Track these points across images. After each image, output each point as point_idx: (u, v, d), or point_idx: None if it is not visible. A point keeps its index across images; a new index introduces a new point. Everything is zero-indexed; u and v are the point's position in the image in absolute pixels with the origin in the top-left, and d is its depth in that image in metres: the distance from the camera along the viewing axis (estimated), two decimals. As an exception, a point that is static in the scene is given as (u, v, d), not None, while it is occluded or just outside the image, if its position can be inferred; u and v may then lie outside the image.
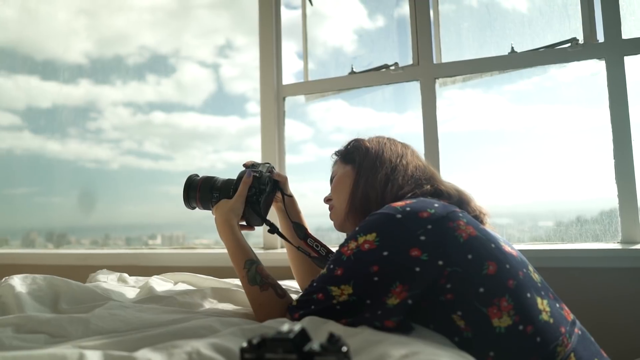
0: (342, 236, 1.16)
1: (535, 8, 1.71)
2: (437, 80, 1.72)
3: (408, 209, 0.83)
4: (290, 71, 2.01)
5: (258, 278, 0.95)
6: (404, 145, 1.06)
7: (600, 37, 1.53)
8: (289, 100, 1.98)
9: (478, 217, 0.93)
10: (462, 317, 0.78)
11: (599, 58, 1.53)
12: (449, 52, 1.79)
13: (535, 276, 0.87)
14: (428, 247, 0.79)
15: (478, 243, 0.81)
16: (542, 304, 0.81)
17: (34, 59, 2.56)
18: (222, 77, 2.37)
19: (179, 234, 2.32)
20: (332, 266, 0.85)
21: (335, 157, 1.14)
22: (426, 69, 1.72)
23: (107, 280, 1.29)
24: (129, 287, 1.22)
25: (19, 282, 1.02)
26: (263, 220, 1.05)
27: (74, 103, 2.49)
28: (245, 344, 0.61)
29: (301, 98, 1.98)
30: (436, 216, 0.82)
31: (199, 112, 2.35)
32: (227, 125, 2.33)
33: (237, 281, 1.35)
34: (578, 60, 1.55)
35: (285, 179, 1.16)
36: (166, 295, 1.06)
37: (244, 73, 2.36)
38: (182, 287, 1.23)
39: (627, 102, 1.47)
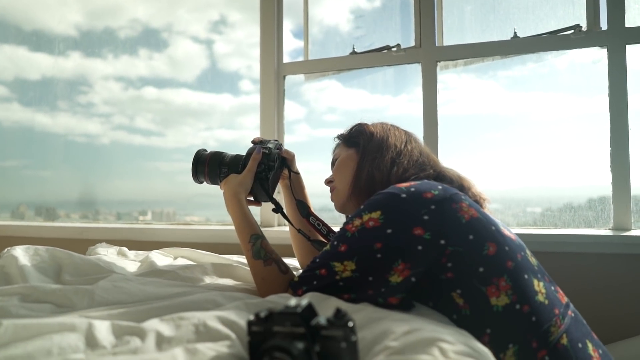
0: (339, 216, 1.18)
1: (539, -7, 1.70)
2: (438, 63, 1.72)
3: (413, 189, 0.85)
4: (285, 49, 1.99)
5: (262, 253, 0.96)
6: (407, 132, 1.08)
7: (604, 25, 1.53)
8: (289, 79, 1.97)
9: (478, 202, 0.95)
10: (461, 295, 0.80)
11: (601, 46, 1.53)
12: (450, 35, 1.78)
13: (532, 259, 0.90)
14: (431, 226, 0.81)
15: (479, 224, 0.83)
16: (539, 285, 0.84)
17: (22, 29, 2.51)
18: (215, 53, 2.34)
19: (169, 211, 2.32)
20: (335, 243, 0.87)
21: (337, 141, 1.16)
22: (428, 52, 1.71)
23: (107, 254, 1.30)
24: (130, 261, 1.23)
25: (21, 253, 1.03)
26: (270, 197, 1.06)
27: (64, 76, 2.45)
28: (252, 317, 0.63)
29: (295, 77, 1.96)
30: (440, 197, 0.84)
31: (191, 89, 2.33)
32: (220, 102, 2.32)
33: (237, 257, 1.37)
34: (580, 47, 1.55)
35: (293, 156, 1.17)
36: (168, 269, 1.07)
37: (238, 50, 2.33)
38: (182, 262, 1.24)
39: (626, 90, 1.49)
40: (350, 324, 0.58)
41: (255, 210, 1.88)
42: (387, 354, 0.60)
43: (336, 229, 1.08)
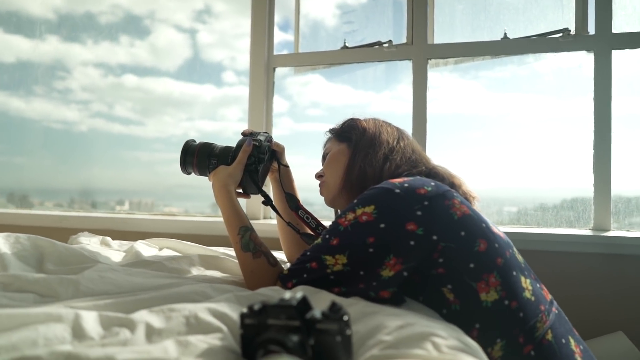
0: (324, 208, 1.18)
1: (530, -5, 1.72)
2: (429, 61, 1.73)
3: (406, 185, 0.86)
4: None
5: (251, 245, 0.96)
6: (399, 129, 1.08)
7: (591, 30, 1.56)
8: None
9: (468, 200, 0.96)
10: (451, 290, 0.81)
11: (589, 50, 1.56)
12: (441, 33, 1.79)
13: (519, 257, 0.91)
14: (424, 222, 0.81)
15: (471, 221, 0.85)
16: (526, 282, 0.85)
17: (-1, 9, 2.42)
18: (198, 43, 2.30)
19: (147, 201, 2.29)
20: (327, 236, 0.87)
21: (329, 135, 1.15)
22: (419, 49, 1.72)
23: (90, 243, 1.27)
24: (114, 251, 1.21)
25: (1, 241, 1.00)
26: (259, 190, 1.05)
27: (41, 60, 2.36)
28: (245, 310, 0.62)
29: (279, 71, 1.94)
30: (433, 193, 0.85)
31: (173, 78, 2.29)
32: (202, 93, 2.28)
33: (223, 249, 1.35)
34: (568, 50, 1.58)
35: (283, 148, 1.16)
36: (154, 260, 1.05)
37: (222, 41, 2.30)
38: (167, 253, 1.23)
39: (610, 95, 1.52)
40: (346, 317, 0.58)
41: (241, 203, 1.87)
42: (380, 348, 0.60)
43: (326, 223, 1.08)
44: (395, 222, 0.82)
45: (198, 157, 1.06)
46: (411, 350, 0.58)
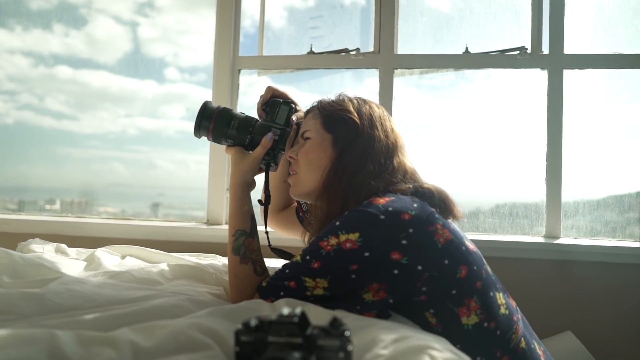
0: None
1: (490, 12, 1.81)
2: (395, 70, 1.76)
3: (390, 209, 0.83)
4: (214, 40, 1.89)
5: (242, 250, 0.94)
6: (396, 135, 0.99)
7: (546, 49, 1.66)
8: (209, 69, 1.86)
9: (456, 218, 0.94)
10: (434, 315, 0.83)
11: (542, 68, 1.66)
12: (404, 43, 1.83)
13: (489, 270, 0.93)
14: (408, 251, 0.80)
15: (453, 247, 0.85)
16: (500, 298, 0.89)
17: None
18: (139, 37, 2.19)
19: (81, 201, 2.16)
20: (308, 257, 0.85)
21: (316, 111, 1.01)
22: (386, 58, 1.75)
23: (44, 252, 1.18)
24: (72, 260, 1.13)
25: (-54, 251, 0.90)
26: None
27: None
28: (240, 326, 0.60)
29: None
30: (416, 219, 0.83)
31: (111, 72, 2.16)
32: (142, 89, 2.18)
33: (189, 256, 1.30)
34: (525, 67, 1.68)
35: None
36: (121, 270, 1.00)
37: (164, 36, 2.21)
38: (132, 261, 1.16)
39: (562, 111, 1.63)
40: (347, 333, 0.57)
41: (203, 203, 1.81)
42: (379, 362, 0.60)
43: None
44: (379, 251, 0.80)
45: (215, 122, 1.00)
46: (410, 363, 0.59)
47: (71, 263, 1.06)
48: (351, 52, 1.80)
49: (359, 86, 1.93)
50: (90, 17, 2.18)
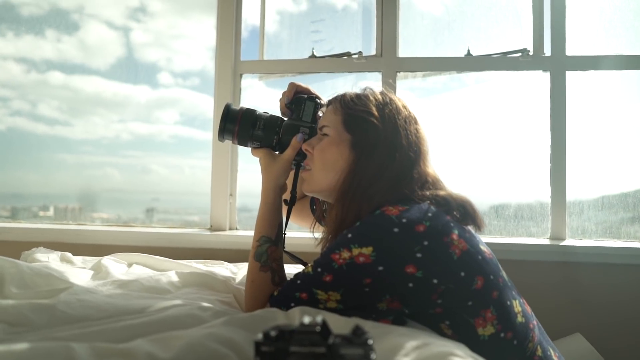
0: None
1: (491, 15, 1.81)
2: (397, 74, 1.76)
3: (404, 220, 0.80)
4: (207, 45, 1.88)
5: (264, 257, 0.93)
6: (420, 140, 0.93)
7: (548, 51, 1.67)
8: (211, 74, 1.86)
9: (478, 226, 0.91)
10: (449, 326, 0.81)
11: (545, 70, 1.67)
12: (405, 46, 1.83)
13: (505, 275, 0.91)
14: (423, 264, 0.78)
15: (469, 258, 0.82)
16: (517, 305, 0.87)
17: None
18: (132, 42, 2.19)
19: (75, 207, 2.13)
20: (319, 269, 0.83)
21: (337, 105, 0.96)
22: (389, 61, 1.75)
23: (49, 260, 1.16)
24: (78, 269, 1.11)
25: (-48, 262, 0.88)
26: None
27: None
28: (260, 336, 0.59)
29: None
30: (432, 230, 0.80)
31: (104, 77, 2.16)
32: (135, 94, 2.17)
33: (195, 263, 1.29)
34: (527, 69, 1.68)
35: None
36: (130, 279, 0.98)
37: (157, 41, 2.21)
38: (139, 269, 1.15)
39: (565, 112, 1.63)
40: (370, 341, 0.57)
41: (206, 208, 1.79)
42: (402, 370, 0.59)
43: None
44: (394, 265, 0.78)
45: (241, 124, 0.98)
46: (434, 371, 0.58)
47: (78, 272, 1.05)
48: (353, 56, 1.80)
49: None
50: (82, 23, 2.18)
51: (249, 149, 1.05)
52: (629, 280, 1.51)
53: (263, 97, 1.98)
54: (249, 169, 1.87)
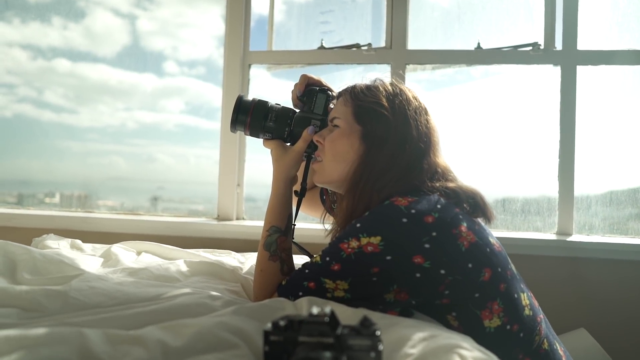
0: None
1: (502, 8, 1.79)
2: (407, 66, 1.75)
3: (413, 211, 0.80)
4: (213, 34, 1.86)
5: (273, 247, 0.94)
6: (431, 131, 0.93)
7: (559, 45, 1.65)
8: (217, 64, 1.85)
9: (488, 218, 0.91)
10: (456, 318, 0.82)
11: (555, 64, 1.65)
12: (415, 39, 1.81)
13: (514, 269, 0.91)
14: (431, 255, 0.79)
15: (477, 250, 0.82)
16: (525, 299, 0.87)
17: None
18: (138, 30, 2.18)
19: (80, 194, 2.15)
20: (327, 259, 0.83)
21: (348, 97, 0.96)
22: (398, 54, 1.74)
23: (60, 247, 1.18)
24: (89, 256, 1.13)
25: (-34, 247, 0.90)
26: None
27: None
28: (269, 326, 0.60)
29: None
30: (440, 222, 0.80)
31: (110, 65, 2.16)
32: (141, 82, 2.17)
33: (202, 252, 1.30)
34: (538, 63, 1.66)
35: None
36: (140, 267, 1.00)
37: (163, 29, 2.20)
38: (148, 257, 1.16)
39: (574, 107, 1.62)
40: (378, 332, 0.57)
41: (213, 198, 1.80)
42: (409, 361, 0.60)
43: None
44: (402, 254, 0.79)
45: (253, 116, 0.99)
46: (440, 363, 0.59)
47: (88, 259, 1.06)
48: (362, 47, 1.79)
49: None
50: (88, 10, 2.17)
51: (257, 140, 1.06)
52: (635, 277, 1.51)
53: (270, 88, 1.98)
54: (256, 159, 1.88)
